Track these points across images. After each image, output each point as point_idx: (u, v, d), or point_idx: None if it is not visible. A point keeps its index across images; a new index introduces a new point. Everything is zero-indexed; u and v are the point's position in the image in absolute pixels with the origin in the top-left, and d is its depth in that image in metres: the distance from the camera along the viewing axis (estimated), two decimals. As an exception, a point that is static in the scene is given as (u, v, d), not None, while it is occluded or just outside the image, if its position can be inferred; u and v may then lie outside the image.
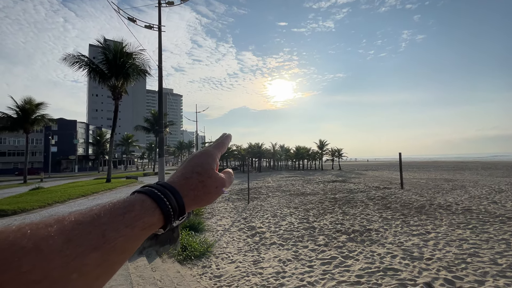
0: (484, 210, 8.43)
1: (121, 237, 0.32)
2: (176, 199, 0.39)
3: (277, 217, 8.55)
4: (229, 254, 5.35)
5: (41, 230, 0.28)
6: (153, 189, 0.39)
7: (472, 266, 4.34)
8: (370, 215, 8.32)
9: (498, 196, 10.92)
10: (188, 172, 0.44)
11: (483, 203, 9.51)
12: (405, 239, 5.82)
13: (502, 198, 10.41)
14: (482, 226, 6.60)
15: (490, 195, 11.24)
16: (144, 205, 0.36)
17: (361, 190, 14.64)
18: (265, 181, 23.21)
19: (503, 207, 8.72)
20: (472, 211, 8.35)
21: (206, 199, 0.45)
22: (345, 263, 4.68)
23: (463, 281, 3.84)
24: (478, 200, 10.15)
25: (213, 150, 0.50)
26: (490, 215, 7.75)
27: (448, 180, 18.36)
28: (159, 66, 12.36)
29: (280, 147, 51.26)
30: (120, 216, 0.33)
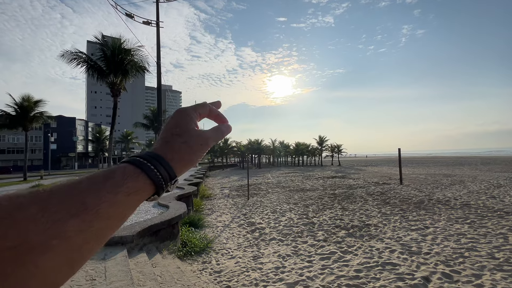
0: (483, 205, 8.48)
1: (103, 203, 0.31)
2: (161, 164, 0.39)
3: (277, 213, 8.59)
4: (229, 250, 5.39)
5: (13, 199, 0.28)
6: (136, 157, 0.39)
7: (469, 260, 4.38)
8: (369, 210, 8.36)
9: (497, 191, 10.97)
10: (167, 136, 0.43)
11: (481, 198, 9.56)
12: (403, 234, 5.86)
13: (500, 193, 10.46)
14: (480, 221, 6.64)
15: (488, 190, 11.29)
16: (125, 171, 0.36)
17: (361, 185, 14.70)
18: (264, 177, 23.27)
19: (502, 202, 8.77)
20: (470, 206, 8.40)
21: (193, 158, 0.43)
22: (344, 258, 4.72)
23: (460, 275, 3.88)
24: (477, 195, 10.20)
25: (188, 108, 0.47)
26: (488, 210, 7.79)
27: (447, 176, 18.43)
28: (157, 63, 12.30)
29: (280, 143, 51.30)
30: (100, 184, 0.33)
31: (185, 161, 0.42)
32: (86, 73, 20.60)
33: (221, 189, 16.00)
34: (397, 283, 3.71)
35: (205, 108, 0.50)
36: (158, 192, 0.39)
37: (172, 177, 0.40)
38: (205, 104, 0.51)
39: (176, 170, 0.41)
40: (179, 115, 0.46)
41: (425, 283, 3.70)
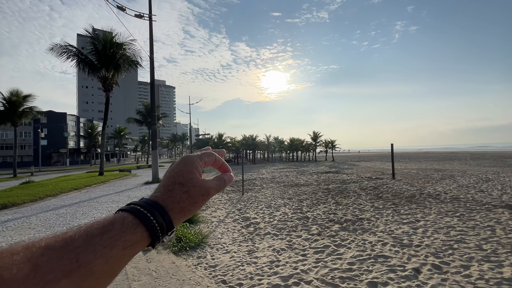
0: (472, 198, 8.70)
1: (98, 259, 0.30)
2: (161, 214, 0.38)
3: (271, 207, 8.65)
4: (224, 245, 5.41)
5: (5, 259, 0.26)
6: (136, 206, 0.38)
7: (458, 252, 4.51)
8: (362, 204, 8.49)
9: (485, 185, 11.26)
10: (170, 184, 0.42)
11: (470, 192, 9.80)
12: (395, 227, 5.98)
13: (489, 187, 10.74)
14: (469, 214, 6.82)
15: (477, 184, 11.58)
16: (125, 223, 0.35)
17: (354, 180, 14.89)
18: (259, 172, 23.34)
19: (490, 196, 9.01)
20: (460, 199, 8.61)
21: (193, 209, 0.43)
22: (337, 251, 4.80)
23: (449, 266, 3.99)
24: (466, 189, 10.45)
25: (194, 156, 0.48)
26: (477, 203, 8.00)
27: (438, 170, 18.80)
28: (150, 57, 12.11)
29: (274, 139, 51.37)
30: (97, 237, 0.32)
31: (185, 212, 0.42)
32: (77, 67, 20.16)
33: (215, 184, 15.98)
34: (388, 275, 3.80)
35: (211, 158, 0.51)
36: (153, 244, 0.38)
37: (170, 229, 0.39)
38: (212, 153, 0.52)
39: (175, 221, 0.40)
40: (184, 162, 0.46)
41: (415, 274, 3.80)
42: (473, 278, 3.63)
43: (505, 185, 11.05)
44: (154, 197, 0.41)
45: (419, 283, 3.55)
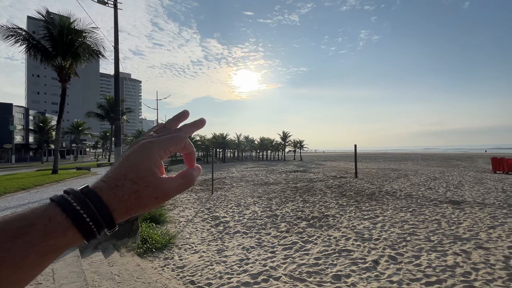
0: (422, 195, 9.63)
1: (4, 270, 0.25)
2: (101, 214, 0.32)
3: (241, 206, 8.67)
4: (192, 245, 5.30)
5: None
6: (72, 201, 0.31)
7: (411, 243, 4.97)
8: (328, 202, 8.91)
9: (433, 183, 12.54)
10: (119, 178, 0.34)
11: (421, 189, 10.84)
12: (357, 223, 6.38)
13: (436, 185, 11.98)
14: (420, 209, 7.54)
15: (426, 182, 12.85)
16: (50, 225, 0.29)
17: (320, 179, 15.55)
18: (229, 171, 23.21)
19: (436, 193, 10.06)
20: (412, 196, 9.47)
21: (142, 211, 0.36)
22: (304, 247, 4.98)
23: (403, 257, 4.38)
24: (417, 187, 11.54)
25: (156, 145, 0.38)
26: (426, 199, 8.88)
27: (394, 170, 20.45)
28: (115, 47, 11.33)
29: (245, 137, 51.52)
30: (8, 242, 0.26)
31: (130, 213, 0.35)
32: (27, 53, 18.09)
33: (184, 183, 15.55)
34: (351, 268, 4.05)
35: (179, 145, 0.40)
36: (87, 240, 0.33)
37: (110, 228, 0.34)
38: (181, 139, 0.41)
39: (117, 220, 0.34)
40: (142, 154, 0.36)
41: (374, 265, 4.10)
42: (423, 266, 4.03)
43: (449, 183, 12.42)
44: (98, 190, 0.33)
45: (377, 274, 3.84)
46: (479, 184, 12.08)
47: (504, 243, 4.87)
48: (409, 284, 3.54)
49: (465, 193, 9.80)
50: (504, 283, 3.48)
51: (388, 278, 3.71)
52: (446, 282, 3.55)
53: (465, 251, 4.54)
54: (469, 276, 3.70)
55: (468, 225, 5.96)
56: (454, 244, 4.89)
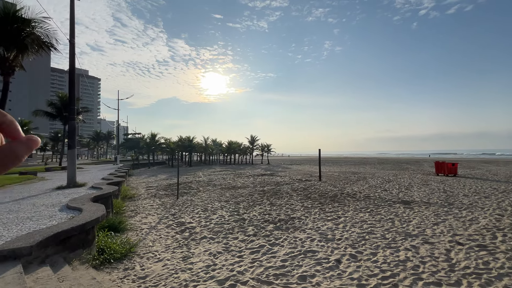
0: (378, 196, 10.42)
1: None
2: None
3: (208, 211, 8.49)
4: (155, 253, 5.03)
5: None
6: None
7: (369, 242, 5.33)
8: (294, 204, 9.16)
9: (388, 185, 13.65)
10: None
11: (377, 191, 11.73)
12: (321, 224, 6.66)
13: (390, 187, 13.06)
14: (377, 209, 8.15)
15: (382, 185, 13.94)
16: None
17: (287, 182, 15.94)
18: (195, 175, 22.61)
19: (391, 194, 10.97)
20: (370, 197, 10.20)
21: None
22: (271, 250, 5.04)
23: (362, 255, 4.68)
24: (374, 189, 12.46)
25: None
26: (382, 200, 9.62)
27: (354, 173, 21.83)
28: (70, 41, 10.38)
29: (212, 141, 50.76)
30: None
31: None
32: (-41, 40, 15.67)
33: (146, 188, 14.75)
34: (316, 268, 4.20)
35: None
36: None
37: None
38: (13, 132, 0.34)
39: None
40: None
41: (337, 264, 4.31)
42: (379, 262, 4.34)
43: (401, 185, 13.64)
44: None
45: (340, 272, 4.04)
46: (425, 185, 13.46)
47: (446, 237, 5.48)
48: (367, 280, 3.78)
49: (414, 194, 10.84)
50: (446, 274, 3.91)
51: (349, 275, 3.92)
52: (399, 276, 3.87)
53: (414, 247, 5.01)
54: (417, 269, 4.08)
55: (416, 223, 6.60)
56: (405, 240, 5.36)
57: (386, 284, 3.65)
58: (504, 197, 9.90)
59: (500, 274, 3.87)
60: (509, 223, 6.42)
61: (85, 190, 8.79)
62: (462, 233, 5.76)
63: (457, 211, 7.73)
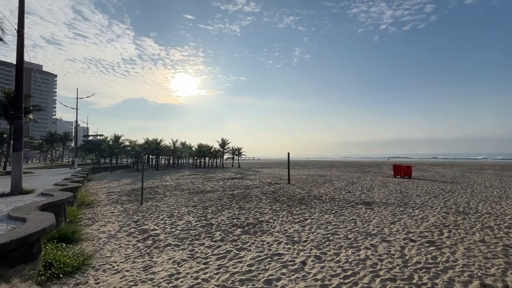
0: (343, 198, 10.92)
1: None
2: None
3: (174, 217, 8.15)
4: (113, 264, 4.66)
5: None
6: None
7: (333, 242, 5.53)
8: (263, 208, 9.20)
9: (351, 187, 14.40)
10: None
11: (342, 193, 12.30)
12: (289, 227, 6.76)
13: (353, 189, 13.79)
14: (341, 211, 8.52)
15: (346, 187, 14.66)
16: None
17: (256, 186, 16.00)
18: (162, 179, 21.68)
19: (354, 195, 11.57)
20: (335, 199, 10.64)
21: None
22: (238, 255, 4.97)
23: (326, 255, 4.83)
24: (339, 191, 13.05)
25: None
26: (346, 202, 10.10)
27: (321, 176, 22.68)
28: (19, 31, 9.34)
29: (182, 144, 49.23)
30: None
31: None
32: None
33: (107, 194, 13.75)
34: (282, 271, 4.23)
35: None
36: None
37: None
38: None
39: None
40: None
41: (302, 266, 4.39)
42: (341, 262, 4.51)
43: (363, 187, 14.47)
44: None
45: (304, 274, 4.11)
46: (384, 187, 14.45)
47: (401, 235, 5.90)
48: (330, 280, 3.90)
49: (375, 195, 11.56)
50: (401, 269, 4.19)
51: (313, 276, 4.01)
52: (359, 274, 4.05)
53: (374, 245, 5.30)
54: (376, 266, 4.32)
55: (376, 222, 7.02)
56: (365, 239, 5.66)
57: (347, 283, 3.80)
58: (449, 196, 11.01)
59: (445, 267, 4.25)
60: (453, 220, 7.13)
61: (32, 198, 7.90)
62: (415, 230, 6.26)
63: (411, 210, 8.39)
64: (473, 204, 9.26)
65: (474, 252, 4.88)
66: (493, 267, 4.21)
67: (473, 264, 4.33)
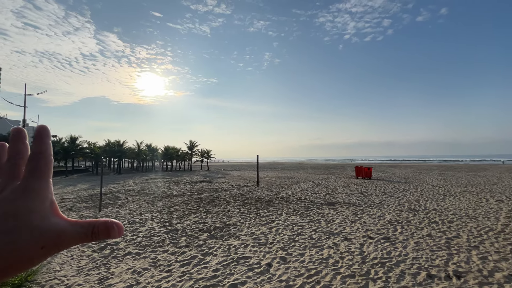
0: (309, 199, 11.29)
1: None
2: None
3: (136, 223, 7.70)
4: (63, 279, 4.24)
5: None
6: None
7: (298, 243, 5.66)
8: (231, 211, 9.12)
9: (317, 189, 14.96)
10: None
11: (308, 194, 12.71)
12: (256, 229, 6.78)
13: (319, 190, 14.34)
14: (307, 212, 8.79)
15: (312, 188, 15.20)
16: None
17: (225, 188, 15.84)
18: (125, 184, 20.41)
19: (319, 196, 12.03)
20: (302, 200, 10.96)
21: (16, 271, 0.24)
22: (204, 260, 4.85)
23: (291, 256, 4.93)
24: (306, 192, 13.48)
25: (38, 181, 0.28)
26: (312, 203, 10.46)
27: (289, 178, 23.24)
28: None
29: (147, 146, 46.97)
30: None
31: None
32: None
33: (60, 201, 12.53)
34: (247, 274, 4.22)
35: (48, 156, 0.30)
36: None
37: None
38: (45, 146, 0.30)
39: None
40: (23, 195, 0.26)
41: (268, 268, 4.42)
42: (305, 262, 4.64)
43: (328, 188, 15.13)
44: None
45: (270, 276, 4.15)
46: (347, 187, 15.28)
47: (360, 233, 6.27)
48: (294, 280, 3.98)
49: (338, 196, 12.15)
50: (359, 266, 4.43)
51: (279, 278, 4.06)
52: (322, 273, 4.20)
53: (336, 244, 5.55)
54: (337, 264, 4.52)
55: (339, 222, 7.37)
56: (329, 239, 5.90)
57: (310, 282, 3.91)
58: (403, 195, 12.01)
59: (398, 261, 4.61)
60: (405, 217, 7.77)
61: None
62: (373, 228, 6.69)
63: (370, 209, 8.97)
64: (422, 202, 10.21)
65: (422, 245, 5.36)
66: (438, 259, 4.67)
67: (421, 257, 4.76)
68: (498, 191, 12.85)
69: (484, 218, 7.57)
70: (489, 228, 6.51)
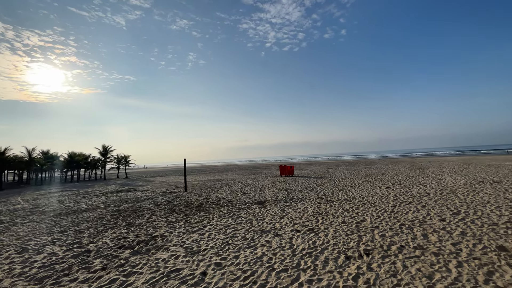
0: (239, 200, 11.42)
1: None
2: None
3: (28, 251, 6.08)
4: None
5: None
6: None
7: (232, 246, 5.60)
8: (157, 221, 8.32)
9: (246, 189, 15.32)
10: None
11: (238, 195, 12.87)
12: (187, 238, 6.37)
13: (248, 190, 14.72)
14: (238, 213, 8.84)
15: (242, 189, 15.48)
16: None
17: (148, 197, 14.41)
18: (10, 202, 16.02)
19: (249, 196, 12.34)
20: (232, 202, 10.99)
21: None
22: (127, 282, 4.21)
23: (226, 260, 4.82)
24: (236, 193, 13.60)
25: None
26: (242, 203, 10.60)
27: (218, 180, 23.04)
28: None
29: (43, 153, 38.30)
30: None
31: None
32: None
33: None
34: (181, 287, 3.88)
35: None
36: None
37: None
38: None
39: None
40: None
41: (202, 277, 4.19)
42: (241, 264, 4.62)
43: (256, 187, 15.70)
44: None
45: (205, 285, 3.93)
46: (274, 186, 16.23)
47: (289, 228, 6.70)
48: (231, 285, 3.89)
49: (266, 194, 12.75)
50: (291, 259, 4.71)
51: (215, 285, 3.89)
52: (257, 272, 4.25)
53: (268, 241, 5.75)
54: (271, 261, 4.68)
55: (269, 219, 7.69)
56: (261, 237, 6.07)
57: (247, 283, 3.90)
58: (320, 189, 13.57)
59: (322, 249, 5.12)
60: (324, 209, 8.78)
61: None
62: (299, 221, 7.27)
63: (295, 204, 9.75)
64: (336, 193, 11.78)
65: (339, 232, 6.13)
66: (352, 241, 5.42)
67: (340, 242, 5.43)
68: (386, 180, 16.07)
69: (380, 202, 9.29)
70: (384, 210, 8.01)
